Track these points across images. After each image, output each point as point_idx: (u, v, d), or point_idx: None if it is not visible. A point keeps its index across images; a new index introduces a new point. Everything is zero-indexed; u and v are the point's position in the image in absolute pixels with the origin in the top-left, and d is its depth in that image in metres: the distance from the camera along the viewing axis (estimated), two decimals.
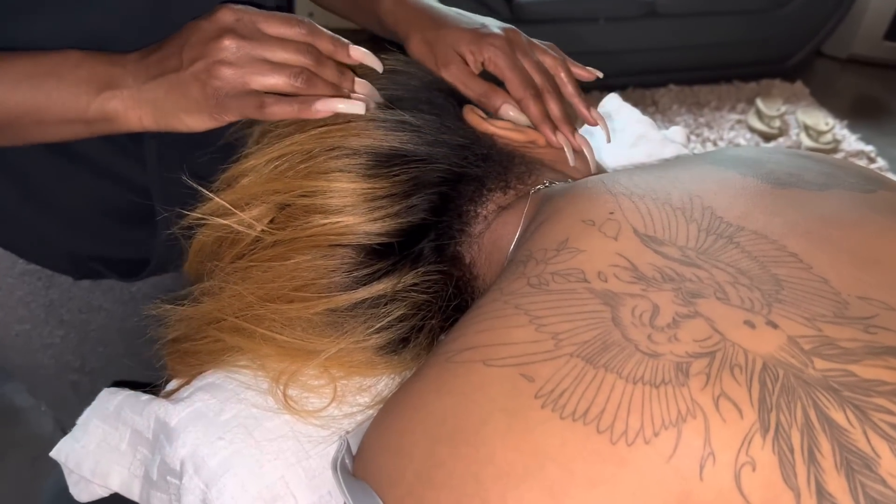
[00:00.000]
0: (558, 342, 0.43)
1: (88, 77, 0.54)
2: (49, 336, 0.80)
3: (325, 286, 0.54)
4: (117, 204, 0.71)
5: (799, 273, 0.46)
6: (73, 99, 0.53)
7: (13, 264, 0.75)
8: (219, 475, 0.50)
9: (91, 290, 0.79)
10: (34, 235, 0.74)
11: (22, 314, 0.78)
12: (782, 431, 0.38)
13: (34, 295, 0.77)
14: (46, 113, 0.54)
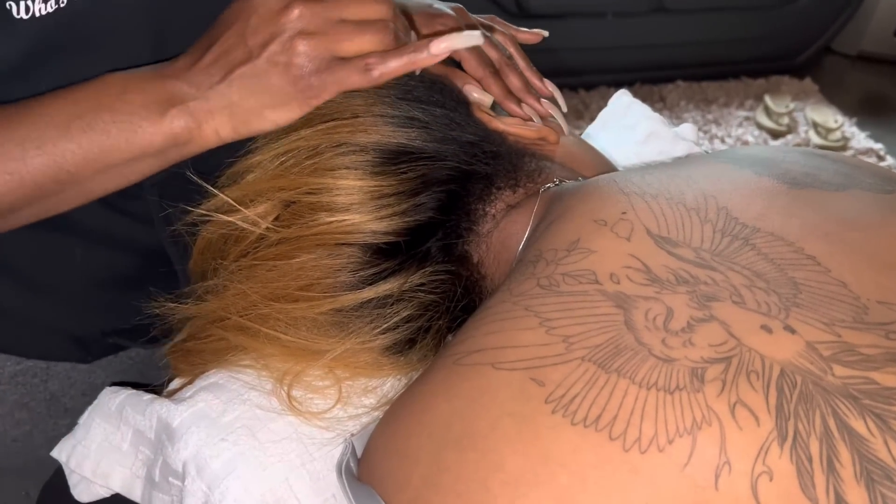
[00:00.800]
0: (569, 345, 0.42)
1: (144, 101, 0.46)
2: (53, 429, 0.72)
3: (330, 285, 0.53)
4: (121, 269, 0.63)
5: (817, 276, 0.45)
6: (134, 131, 0.45)
7: (1, 369, 0.67)
8: (221, 477, 0.49)
9: (91, 370, 0.71)
10: (35, 329, 0.66)
11: (20, 417, 0.69)
12: (800, 440, 0.37)
13: (32, 394, 0.69)
14: (110, 155, 0.45)
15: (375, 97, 0.57)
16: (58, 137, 0.44)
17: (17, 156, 0.44)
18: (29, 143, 0.44)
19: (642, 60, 2.80)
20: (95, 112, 0.45)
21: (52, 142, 0.44)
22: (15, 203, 0.45)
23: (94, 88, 0.46)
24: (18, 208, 0.45)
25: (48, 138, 0.44)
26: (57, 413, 0.71)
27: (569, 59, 2.72)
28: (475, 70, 0.62)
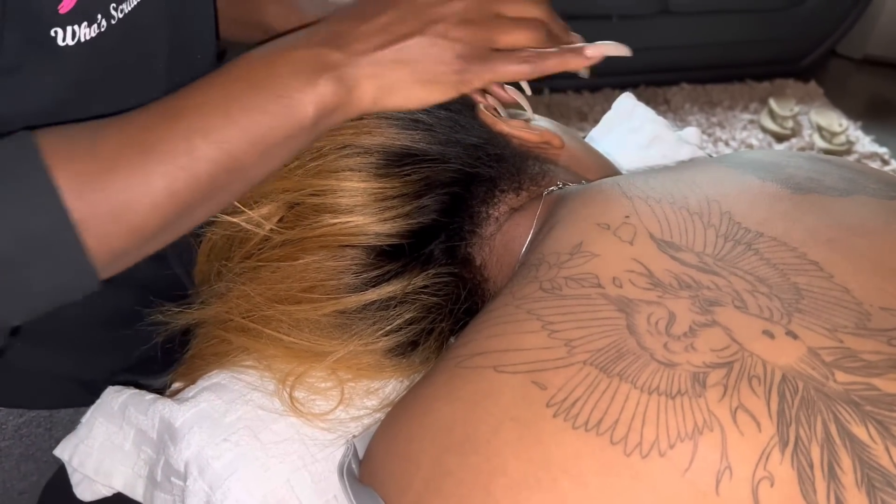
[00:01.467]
0: (571, 349, 0.42)
1: (293, 71, 0.44)
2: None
3: (333, 287, 0.54)
4: (122, 306, 0.59)
5: (820, 282, 0.44)
6: (289, 104, 0.44)
7: (3, 426, 0.64)
8: (223, 478, 0.49)
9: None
10: (41, 379, 0.64)
11: (27, 469, 0.67)
12: (802, 446, 0.37)
13: (38, 444, 0.66)
14: (271, 134, 0.44)
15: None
16: (222, 124, 0.42)
17: (186, 149, 0.42)
18: (194, 135, 0.42)
19: (647, 63, 2.80)
20: (250, 93, 0.44)
21: (217, 129, 0.42)
22: (192, 201, 0.42)
23: (238, 70, 0.45)
24: (195, 206, 0.43)
25: (212, 127, 0.42)
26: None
27: None
28: None
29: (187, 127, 0.42)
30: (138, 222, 0.41)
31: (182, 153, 0.41)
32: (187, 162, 0.41)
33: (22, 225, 0.38)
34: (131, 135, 0.42)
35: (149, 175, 0.41)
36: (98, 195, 0.39)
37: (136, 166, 0.41)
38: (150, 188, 0.41)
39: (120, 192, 0.40)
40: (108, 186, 0.40)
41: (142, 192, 0.40)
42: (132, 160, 0.41)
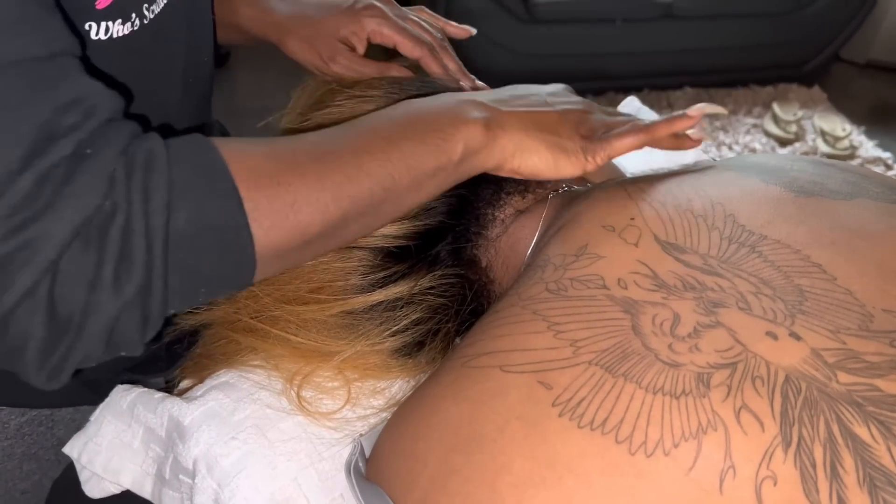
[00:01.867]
0: (577, 349, 0.43)
1: (446, 111, 0.50)
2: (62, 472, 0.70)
3: (341, 288, 0.54)
4: None
5: (823, 284, 0.45)
6: (444, 138, 0.48)
7: (5, 425, 0.65)
8: (232, 475, 0.49)
9: (92, 409, 0.66)
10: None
11: (29, 468, 0.68)
12: (804, 446, 0.38)
13: (40, 443, 0.67)
14: (424, 163, 0.47)
15: (386, 102, 0.57)
16: (386, 147, 0.46)
17: (354, 163, 0.45)
18: (363, 153, 0.45)
19: (651, 66, 2.81)
20: (411, 126, 0.48)
21: (382, 151, 0.46)
22: (350, 211, 0.45)
23: (404, 107, 0.50)
24: (351, 219, 0.45)
25: (378, 148, 0.46)
26: (64, 458, 0.69)
27: (577, 65, 2.73)
28: (412, 50, 0.63)
29: (355, 146, 0.46)
30: (304, 222, 0.43)
31: (351, 166, 0.44)
32: (354, 174, 0.44)
33: (204, 209, 0.39)
34: (303, 146, 0.45)
35: (321, 180, 0.43)
36: (271, 190, 0.41)
37: (310, 171, 0.43)
38: (320, 193, 0.43)
39: (291, 191, 0.42)
40: (282, 184, 0.42)
41: (312, 195, 0.43)
42: (305, 165, 0.43)
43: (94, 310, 0.37)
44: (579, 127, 0.53)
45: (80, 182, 0.36)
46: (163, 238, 0.38)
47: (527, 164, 0.51)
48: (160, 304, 0.39)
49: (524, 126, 0.51)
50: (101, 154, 0.38)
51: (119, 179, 0.38)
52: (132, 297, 0.38)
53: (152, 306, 0.39)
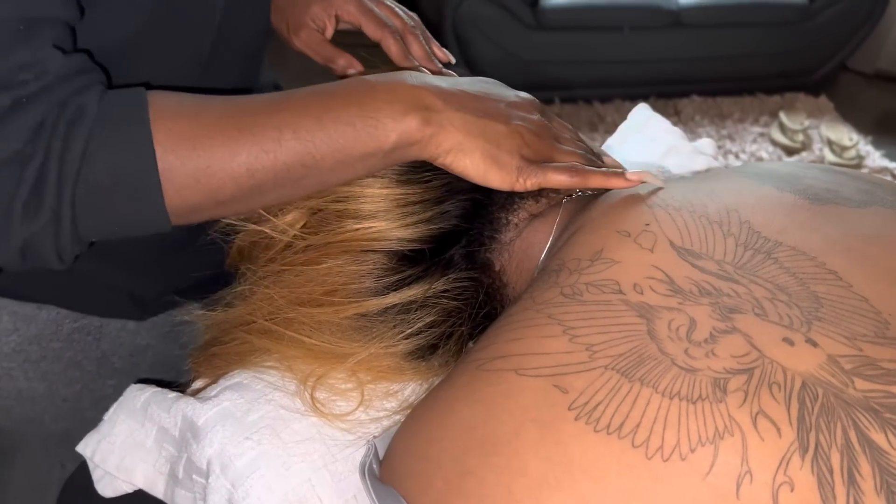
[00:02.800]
0: (592, 354, 0.43)
1: (391, 99, 0.49)
2: (101, 389, 0.75)
3: (355, 291, 0.54)
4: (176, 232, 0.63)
5: (838, 291, 0.45)
6: (376, 126, 0.49)
7: (59, 328, 0.70)
8: (245, 476, 0.50)
9: (137, 331, 0.75)
10: (97, 287, 0.69)
11: (72, 375, 0.72)
12: (822, 452, 0.38)
13: (85, 352, 0.72)
14: (352, 147, 0.49)
15: None
16: (311, 126, 0.48)
17: (275, 137, 0.47)
18: (286, 128, 0.48)
19: (658, 74, 2.81)
20: (345, 106, 0.49)
21: (306, 129, 0.48)
22: (265, 181, 0.48)
23: (345, 85, 0.51)
24: (267, 189, 0.49)
25: (303, 125, 0.48)
26: (106, 373, 0.74)
27: (585, 72, 2.73)
28: (374, 31, 0.64)
29: (282, 120, 0.48)
30: (214, 187, 0.47)
31: (270, 140, 0.47)
32: (272, 148, 0.47)
33: (118, 163, 0.45)
34: (232, 114, 0.48)
35: (236, 150, 0.46)
36: (186, 155, 0.46)
37: (228, 140, 0.47)
38: (233, 161, 0.46)
39: (206, 157, 0.46)
40: (197, 150, 0.46)
41: (224, 163, 0.46)
42: (225, 133, 0.47)
43: (5, 232, 0.44)
44: (523, 147, 0.53)
45: (6, 129, 0.43)
46: (72, 183, 0.44)
47: (458, 164, 0.51)
48: (69, 239, 0.45)
49: (467, 129, 0.51)
50: (34, 105, 0.44)
51: (46, 128, 0.43)
52: (40, 229, 0.44)
53: (62, 239, 0.45)
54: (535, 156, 0.53)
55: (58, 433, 0.75)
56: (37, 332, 0.69)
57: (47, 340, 0.70)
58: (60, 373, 0.71)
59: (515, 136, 0.52)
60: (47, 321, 0.69)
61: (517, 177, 0.52)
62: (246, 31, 0.64)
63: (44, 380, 0.71)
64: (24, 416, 0.74)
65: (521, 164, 0.52)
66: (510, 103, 0.54)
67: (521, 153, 0.52)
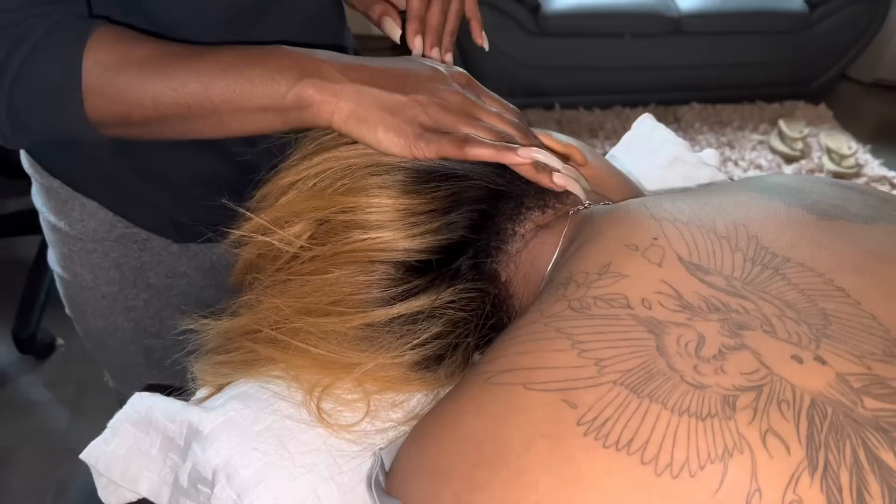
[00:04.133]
0: (601, 369, 0.43)
1: (291, 65, 0.55)
2: (134, 299, 0.83)
3: (362, 301, 0.54)
4: (219, 173, 0.73)
5: (847, 308, 0.45)
6: (273, 84, 0.55)
7: (112, 228, 0.79)
8: (252, 486, 0.50)
9: (178, 255, 0.83)
10: (139, 200, 0.78)
11: (112, 276, 0.81)
12: (831, 471, 0.38)
13: (128, 257, 0.81)
14: (248, 99, 0.55)
15: None
16: (214, 75, 0.55)
17: (182, 79, 0.55)
18: (193, 73, 0.55)
19: (658, 81, 2.82)
20: (250, 65, 0.56)
21: (210, 77, 0.55)
22: (169, 114, 0.56)
23: (262, 49, 0.57)
24: (171, 119, 0.57)
25: (207, 73, 0.55)
26: (141, 285, 0.83)
27: (586, 78, 2.74)
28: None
29: (193, 66, 0.56)
30: (125, 110, 0.57)
31: (176, 80, 0.56)
32: (178, 86, 0.56)
33: (51, 78, 0.56)
34: (157, 55, 0.57)
35: (145, 84, 0.56)
36: (105, 81, 0.56)
37: (143, 76, 0.56)
38: (141, 92, 0.56)
39: (119, 84, 0.56)
40: (115, 78, 0.56)
41: (134, 92, 0.56)
42: (142, 71, 0.56)
43: None
44: (421, 115, 0.55)
45: None
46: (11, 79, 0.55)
47: (355, 131, 0.55)
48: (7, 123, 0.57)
49: (360, 99, 0.55)
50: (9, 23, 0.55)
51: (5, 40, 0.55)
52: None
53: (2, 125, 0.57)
54: (435, 125, 0.55)
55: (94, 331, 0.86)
56: (95, 227, 0.79)
57: (101, 236, 0.80)
58: (105, 269, 0.81)
59: (414, 106, 0.55)
60: (104, 220, 0.79)
61: (413, 144, 0.54)
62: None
63: (92, 271, 0.81)
64: (75, 300, 0.85)
65: (418, 132, 0.54)
66: (422, 77, 0.57)
67: (419, 121, 0.54)
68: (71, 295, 0.85)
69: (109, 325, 0.84)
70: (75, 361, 1.84)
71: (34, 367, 1.84)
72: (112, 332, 0.85)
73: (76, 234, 0.80)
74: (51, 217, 0.80)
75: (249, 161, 0.65)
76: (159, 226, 0.80)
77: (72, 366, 1.84)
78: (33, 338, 1.81)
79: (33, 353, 1.83)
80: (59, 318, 1.81)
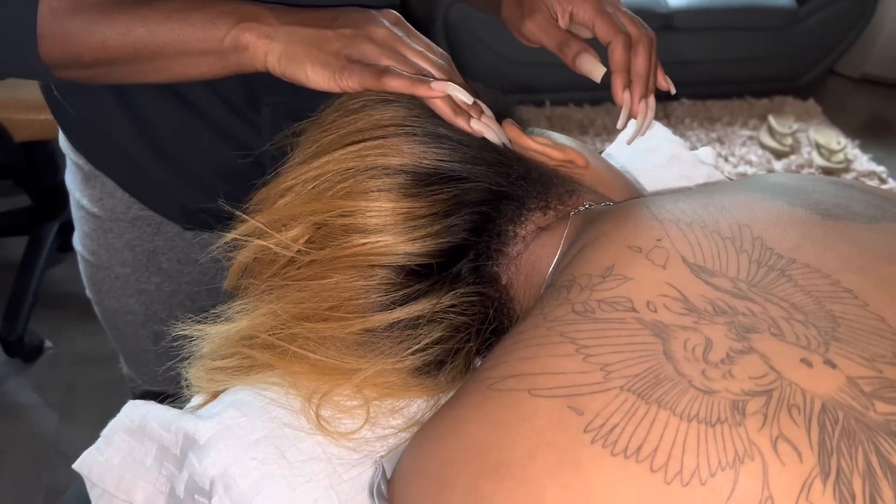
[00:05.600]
0: (607, 374, 0.42)
1: (230, 10, 0.58)
2: (146, 282, 0.85)
3: (361, 306, 0.53)
4: (230, 165, 0.74)
5: (855, 310, 0.45)
6: (213, 29, 0.57)
7: (128, 208, 0.81)
8: (250, 497, 0.48)
9: (192, 243, 0.85)
10: (153, 183, 0.80)
11: (126, 257, 0.84)
12: (843, 477, 0.37)
13: (141, 240, 0.83)
14: (189, 44, 0.58)
15: (407, 113, 0.57)
16: (160, 20, 0.58)
17: (129, 23, 0.59)
18: (138, 18, 0.59)
19: None
20: (194, 11, 0.58)
21: (155, 22, 0.58)
22: (117, 56, 0.60)
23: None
24: (120, 61, 0.60)
25: (153, 19, 0.58)
26: (153, 269, 0.85)
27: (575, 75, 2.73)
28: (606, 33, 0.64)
29: (140, 13, 0.59)
30: (74, 52, 0.60)
31: (123, 24, 0.59)
32: (125, 30, 0.59)
33: (8, 24, 0.59)
34: (107, 2, 0.59)
35: (94, 28, 0.59)
36: (57, 25, 0.59)
37: (91, 21, 0.59)
38: (91, 36, 0.59)
39: (71, 28, 0.59)
40: (66, 23, 0.59)
41: (84, 35, 0.59)
42: (91, 16, 0.59)
43: None
44: (348, 47, 0.57)
45: None
46: None
47: (288, 70, 0.57)
48: None
49: (290, 38, 0.57)
50: None
51: None
52: None
53: None
54: (360, 57, 0.56)
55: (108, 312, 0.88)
56: (112, 206, 0.81)
57: (117, 216, 0.82)
58: (119, 250, 0.83)
59: (340, 39, 0.57)
60: (121, 200, 0.81)
61: (337, 75, 0.56)
62: None
63: (108, 251, 0.84)
64: (93, 279, 0.87)
65: (342, 64, 0.56)
66: (351, 15, 0.59)
67: (344, 54, 0.56)
68: (90, 274, 0.87)
69: (122, 306, 0.87)
70: (64, 364, 1.82)
71: (22, 370, 1.82)
72: (124, 315, 0.88)
73: (96, 213, 0.82)
74: (76, 193, 0.83)
75: (265, 155, 0.66)
76: (169, 210, 0.82)
77: (60, 368, 1.82)
78: (21, 340, 1.78)
79: (21, 356, 1.81)
80: (47, 320, 1.81)
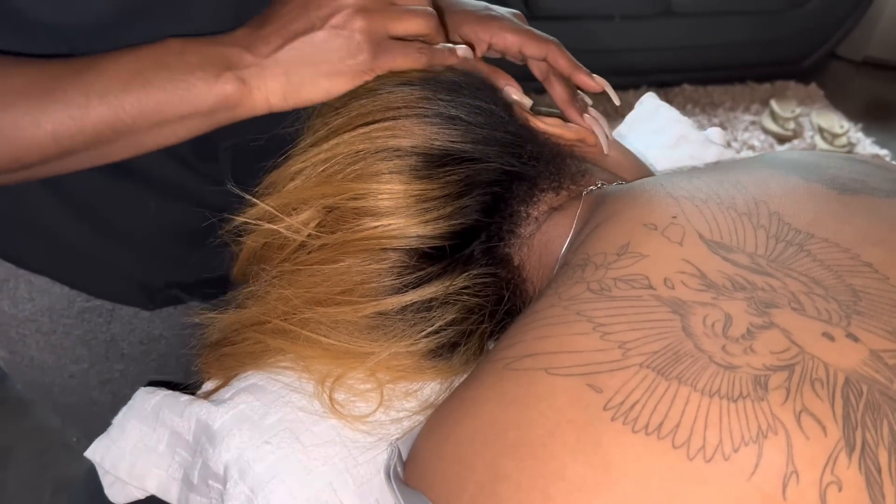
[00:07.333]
0: (626, 351, 0.42)
1: (200, 62, 0.48)
2: (108, 371, 0.75)
3: (373, 289, 0.53)
4: (190, 226, 0.62)
5: (876, 284, 0.44)
6: (188, 89, 0.47)
7: (70, 304, 0.70)
8: (265, 481, 0.48)
9: (151, 319, 0.75)
10: (104, 269, 0.69)
11: (80, 353, 0.73)
12: (869, 450, 0.37)
13: (94, 332, 0.72)
14: (164, 111, 0.48)
15: (418, 94, 0.56)
16: (119, 90, 0.47)
17: (82, 103, 0.46)
18: (93, 94, 0.47)
19: (649, 63, 2.80)
20: (155, 70, 0.47)
21: (114, 94, 0.47)
22: (74, 146, 0.47)
23: (156, 48, 0.49)
24: (77, 151, 0.48)
25: (110, 90, 0.47)
26: (114, 357, 0.74)
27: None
28: (537, 49, 0.63)
29: (89, 84, 0.47)
30: (18, 154, 0.47)
31: (75, 105, 0.46)
32: (78, 114, 0.47)
33: None
34: (39, 79, 0.47)
35: (39, 118, 0.46)
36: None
37: (31, 108, 0.46)
38: (37, 129, 0.46)
39: (8, 125, 0.46)
40: (1, 119, 0.46)
41: (28, 131, 0.46)
42: (29, 101, 0.46)
43: None
44: (353, 36, 0.49)
45: None
46: None
47: (303, 98, 0.50)
48: None
49: (287, 64, 0.49)
50: None
51: None
52: None
53: None
54: (371, 38, 0.50)
55: (66, 406, 0.76)
56: (49, 305, 0.69)
57: (59, 315, 0.70)
58: (69, 348, 0.72)
59: (336, 34, 0.49)
60: (60, 296, 0.69)
61: (362, 72, 0.51)
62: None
63: (53, 353, 0.72)
64: (36, 383, 0.75)
65: (361, 57, 0.50)
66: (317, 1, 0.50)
67: (355, 45, 0.50)
68: (31, 379, 0.74)
69: (84, 399, 0.76)
70: None
71: None
72: (88, 407, 0.77)
73: (27, 316, 0.69)
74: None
75: (219, 206, 0.57)
76: (127, 294, 0.72)
77: None
78: None
79: None
80: None
